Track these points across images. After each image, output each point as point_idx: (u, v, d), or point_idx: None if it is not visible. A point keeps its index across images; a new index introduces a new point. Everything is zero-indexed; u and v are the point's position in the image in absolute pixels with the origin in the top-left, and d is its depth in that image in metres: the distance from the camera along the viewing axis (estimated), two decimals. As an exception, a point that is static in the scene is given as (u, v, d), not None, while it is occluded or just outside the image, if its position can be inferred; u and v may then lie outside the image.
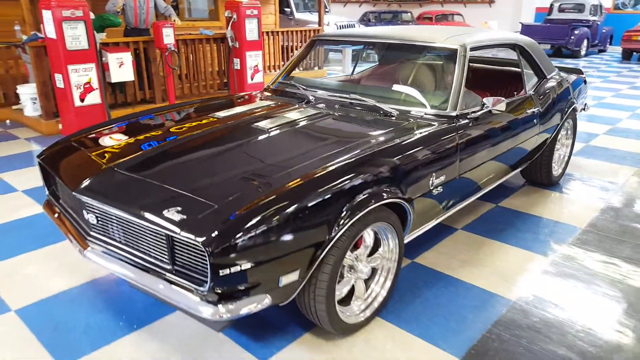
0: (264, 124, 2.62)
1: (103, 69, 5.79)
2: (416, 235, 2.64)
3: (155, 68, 6.44)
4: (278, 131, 2.52)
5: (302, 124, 2.65)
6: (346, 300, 2.31)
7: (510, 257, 3.02)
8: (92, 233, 2.13)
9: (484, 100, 2.84)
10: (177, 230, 1.72)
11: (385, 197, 2.13)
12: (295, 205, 1.84)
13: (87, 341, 2.23)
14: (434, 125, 2.64)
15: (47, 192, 2.59)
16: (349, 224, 1.98)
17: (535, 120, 3.45)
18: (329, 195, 1.94)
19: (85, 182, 2.06)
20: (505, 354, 2.18)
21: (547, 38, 14.50)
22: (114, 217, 1.99)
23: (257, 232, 1.73)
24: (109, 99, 6.08)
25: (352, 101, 2.95)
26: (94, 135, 2.62)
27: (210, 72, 7.25)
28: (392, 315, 2.45)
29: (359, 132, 2.54)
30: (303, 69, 9.66)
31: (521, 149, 3.41)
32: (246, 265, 1.73)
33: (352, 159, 2.15)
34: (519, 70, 3.70)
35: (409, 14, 17.26)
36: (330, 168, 2.07)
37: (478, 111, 2.85)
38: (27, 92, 5.70)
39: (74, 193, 2.03)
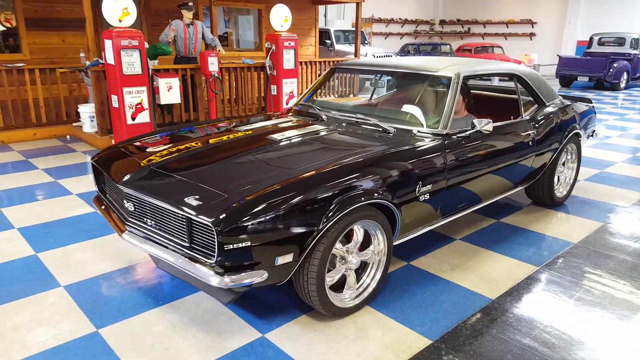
0: (277, 135, 3.08)
1: (154, 92, 6.49)
2: (408, 239, 2.99)
3: (200, 92, 7.12)
4: (288, 141, 2.98)
5: (310, 136, 3.09)
6: (340, 288, 2.69)
7: (498, 264, 3.30)
8: (129, 219, 2.62)
9: (474, 121, 3.19)
10: (194, 213, 2.17)
11: (371, 197, 2.51)
12: (291, 198, 2.25)
13: (120, 312, 2.69)
14: (425, 141, 3.02)
15: (97, 189, 3.13)
16: (337, 217, 2.37)
17: (530, 143, 3.74)
18: (321, 192, 2.34)
19: (127, 176, 2.57)
20: (475, 340, 2.48)
21: (586, 71, 14.51)
22: (146, 205, 2.48)
23: (257, 217, 2.15)
24: (158, 119, 6.76)
25: (358, 120, 3.37)
26: (138, 142, 3.15)
27: (250, 98, 7.88)
28: (380, 305, 2.79)
29: (357, 144, 2.95)
30: (339, 95, 10.19)
31: (516, 169, 3.71)
32: (246, 243, 2.15)
33: (344, 164, 2.56)
34: (509, 97, 4.04)
35: (448, 46, 17.64)
36: (325, 170, 2.48)
37: (468, 131, 3.20)
38: (87, 111, 6.47)
39: (117, 184, 2.54)
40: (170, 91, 6.52)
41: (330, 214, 2.35)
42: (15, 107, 6.58)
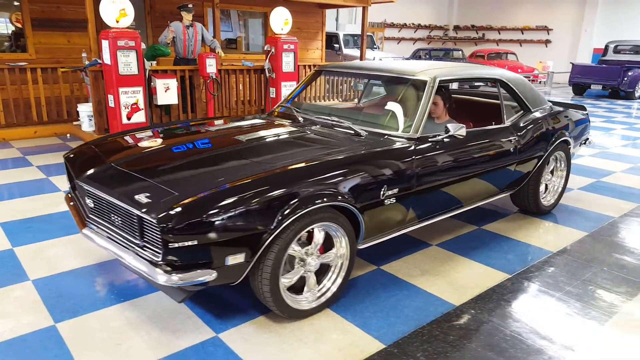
0: (245, 136, 3.08)
1: (151, 93, 6.57)
2: (376, 243, 2.96)
3: (198, 94, 7.18)
4: (254, 142, 2.97)
5: (278, 137, 3.09)
6: (301, 290, 2.67)
7: (470, 271, 3.25)
8: (89, 215, 2.65)
9: (448, 126, 3.15)
10: (141, 210, 2.19)
11: (329, 200, 2.49)
12: (242, 198, 2.25)
13: (81, 307, 2.72)
14: (395, 145, 2.99)
15: (69, 186, 3.17)
16: (292, 219, 2.36)
17: (511, 150, 3.68)
18: (275, 193, 2.33)
19: (87, 173, 2.60)
20: (429, 346, 2.44)
21: (600, 79, 14.26)
22: (104, 202, 2.50)
23: (204, 216, 2.15)
24: (155, 119, 6.84)
25: (332, 122, 3.35)
26: (111, 139, 3.18)
27: (250, 100, 7.92)
28: (341, 308, 2.76)
29: (323, 146, 2.94)
30: (343, 100, 10.17)
31: (496, 176, 3.65)
32: (193, 242, 2.15)
33: (303, 165, 2.55)
34: (495, 102, 3.98)
35: (460, 52, 17.52)
36: (282, 171, 2.47)
37: (441, 135, 3.16)
38: (85, 110, 6.57)
39: (76, 180, 2.56)
40: (167, 92, 6.59)
41: (285, 215, 2.33)
42: (17, 105, 6.72)
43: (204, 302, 2.79)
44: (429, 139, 3.14)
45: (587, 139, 4.85)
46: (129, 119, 6.09)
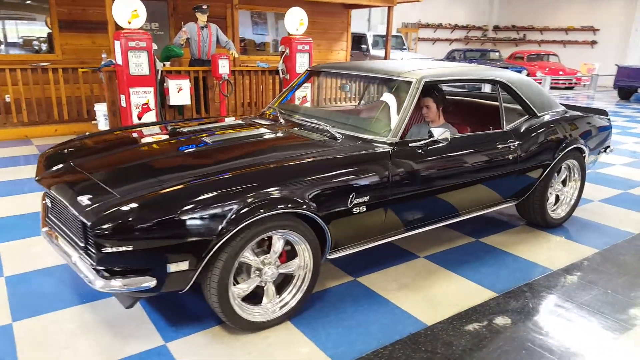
0: (212, 137, 2.97)
1: (164, 93, 6.62)
2: (349, 254, 2.79)
3: (212, 94, 7.19)
4: (220, 144, 2.86)
5: (248, 139, 2.98)
6: (259, 300, 2.55)
7: (453, 288, 3.02)
8: (49, 215, 2.62)
9: (432, 130, 2.95)
10: (79, 212, 2.12)
11: (283, 206, 2.35)
12: (182, 203, 2.15)
13: (43, 306, 2.69)
14: (369, 149, 2.81)
15: (46, 184, 3.18)
16: (240, 227, 2.24)
17: (510, 157, 3.42)
18: (220, 198, 2.22)
19: (47, 171, 2.57)
20: (384, 369, 2.26)
21: (644, 81, 13.38)
22: (56, 201, 2.46)
23: (141, 220, 2.06)
24: (169, 119, 6.89)
25: (313, 125, 3.21)
26: (86, 138, 3.16)
27: (264, 101, 7.87)
28: (302, 322, 2.62)
29: (292, 149, 2.80)
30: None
31: (492, 185, 3.40)
32: (128, 247, 2.06)
33: (255, 169, 2.43)
34: (509, 106, 3.72)
35: (497, 53, 16.92)
36: (231, 175, 2.36)
37: (423, 140, 2.96)
38: (101, 110, 6.69)
39: (35, 179, 2.54)
40: (180, 92, 6.62)
41: (232, 222, 2.22)
42: (40, 104, 6.93)
43: (164, 307, 2.71)
44: (410, 144, 2.94)
45: (608, 147, 4.48)
46: (139, 118, 6.14)
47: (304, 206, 2.43)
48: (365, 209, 2.71)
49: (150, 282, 2.15)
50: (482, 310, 2.77)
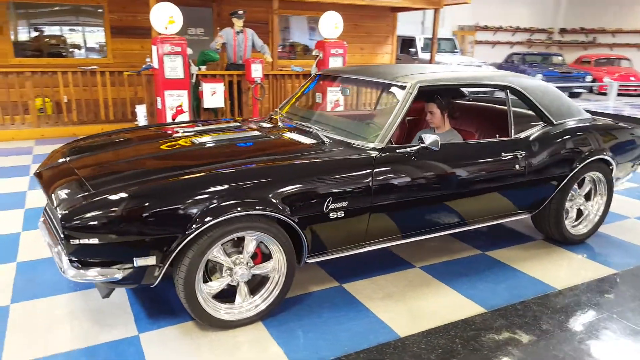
0: (201, 138, 3.04)
1: (199, 96, 6.87)
2: (328, 259, 2.77)
3: (245, 98, 7.37)
4: (204, 145, 2.94)
5: (234, 141, 3.03)
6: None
7: (441, 300, 2.91)
8: (45, 207, 2.81)
9: (423, 136, 2.87)
10: (54, 205, 2.26)
11: (251, 208, 2.37)
12: (151, 199, 2.23)
13: (41, 291, 2.88)
14: (354, 154, 2.78)
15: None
16: (206, 226, 2.29)
17: (516, 167, 3.24)
18: (187, 197, 2.28)
19: (44, 168, 2.76)
20: (341, 377, 2.22)
21: None
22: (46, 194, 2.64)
23: (107, 215, 2.17)
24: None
25: (306, 129, 3.21)
26: (99, 137, 3.36)
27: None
28: (274, 323, 2.63)
29: (275, 152, 2.83)
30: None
31: (496, 196, 3.24)
32: (94, 240, 2.17)
33: (226, 170, 2.47)
34: (521, 112, 3.54)
35: (560, 57, 16.04)
36: (200, 175, 2.42)
37: (413, 147, 2.88)
38: (141, 111, 7.05)
39: (33, 174, 2.73)
40: (214, 96, 6.84)
41: (198, 220, 2.27)
42: (88, 105, 7.40)
43: (148, 299, 2.82)
44: (397, 150, 2.87)
45: (642, 160, 4.13)
46: (173, 120, 6.41)
47: (275, 209, 2.44)
48: (343, 215, 2.68)
49: (117, 274, 2.25)
50: (464, 326, 2.65)
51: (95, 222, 2.16)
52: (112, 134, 3.42)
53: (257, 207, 2.39)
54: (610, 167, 3.75)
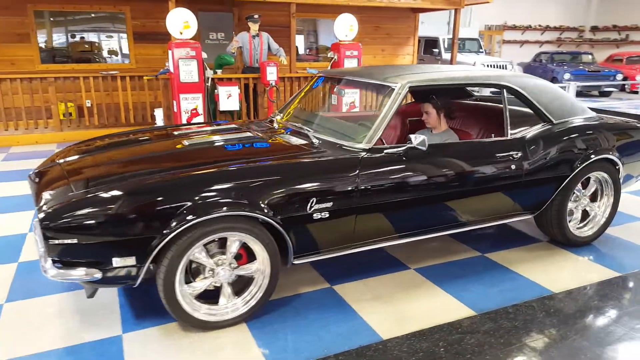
0: (192, 140, 3.09)
1: (215, 99, 6.98)
2: (316, 260, 2.76)
3: (261, 100, 7.44)
4: (194, 147, 2.98)
5: (224, 143, 3.06)
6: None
7: (431, 302, 2.85)
8: (35, 206, 2.90)
9: (410, 136, 2.83)
10: (38, 206, 2.34)
11: (233, 209, 2.38)
12: (127, 200, 2.28)
13: (37, 291, 2.96)
14: (342, 155, 2.76)
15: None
16: (185, 226, 2.31)
17: (512, 167, 3.15)
18: (164, 198, 2.31)
19: (37, 170, 2.86)
20: (315, 379, 2.21)
21: None
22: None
23: (85, 215, 2.22)
24: (221, 124, 7.24)
25: (299, 130, 3.21)
26: (93, 140, 3.44)
27: (310, 106, 7.97)
28: (257, 325, 2.64)
29: (262, 153, 2.84)
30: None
31: (491, 197, 3.16)
32: (72, 240, 2.23)
33: (209, 171, 2.49)
34: (522, 110, 3.45)
35: (590, 55, 15.51)
36: (180, 176, 2.45)
37: (400, 147, 2.84)
38: (159, 114, 7.22)
39: (29, 174, 2.84)
40: (229, 99, 6.94)
41: (176, 221, 2.31)
42: (109, 109, 7.62)
43: (137, 300, 2.87)
44: (385, 151, 2.84)
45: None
46: (188, 123, 6.52)
47: (256, 209, 2.45)
48: (328, 216, 2.66)
49: (97, 274, 2.30)
50: (449, 330, 2.59)
51: (74, 223, 2.22)
52: (112, 137, 3.50)
53: (237, 208, 2.41)
54: (617, 168, 3.60)
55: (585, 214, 3.69)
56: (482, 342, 2.48)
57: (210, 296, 2.61)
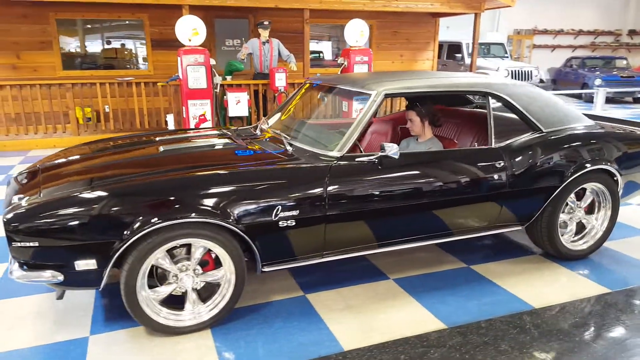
0: (169, 147, 3.13)
1: (224, 105, 7.07)
2: (285, 268, 2.75)
3: (271, 106, 7.48)
4: (168, 153, 3.02)
5: (200, 149, 3.10)
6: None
7: (402, 315, 2.78)
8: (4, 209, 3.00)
9: (384, 145, 2.78)
10: (6, 210, 2.42)
11: (188, 215, 2.39)
12: (90, 205, 2.32)
13: (20, 291, 3.04)
14: (311, 162, 2.74)
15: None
16: (145, 232, 2.34)
17: (494, 177, 3.05)
18: (124, 204, 2.35)
19: (19, 172, 2.96)
20: (264, 390, 2.19)
21: None
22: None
23: (47, 219, 2.27)
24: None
25: (280, 137, 3.21)
26: (85, 144, 3.54)
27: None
28: (222, 331, 2.64)
29: (235, 160, 2.85)
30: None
31: (472, 207, 3.07)
32: (34, 243, 2.29)
33: (173, 177, 2.52)
34: (516, 118, 3.35)
35: (625, 60, 14.92)
36: (143, 181, 2.49)
37: (371, 155, 2.80)
38: (171, 120, 7.37)
39: (12, 177, 2.94)
40: (238, 105, 7.02)
41: (136, 227, 2.34)
42: (125, 114, 7.84)
43: (114, 301, 2.90)
44: (357, 159, 2.80)
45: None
46: (196, 128, 6.63)
47: (218, 216, 2.46)
48: (295, 224, 2.64)
49: (60, 277, 2.36)
50: (415, 343, 2.52)
51: (35, 227, 2.27)
52: (97, 143, 3.59)
53: (199, 215, 2.42)
54: (615, 179, 3.43)
55: (582, 227, 3.54)
56: (445, 356, 2.41)
57: (178, 301, 2.64)
